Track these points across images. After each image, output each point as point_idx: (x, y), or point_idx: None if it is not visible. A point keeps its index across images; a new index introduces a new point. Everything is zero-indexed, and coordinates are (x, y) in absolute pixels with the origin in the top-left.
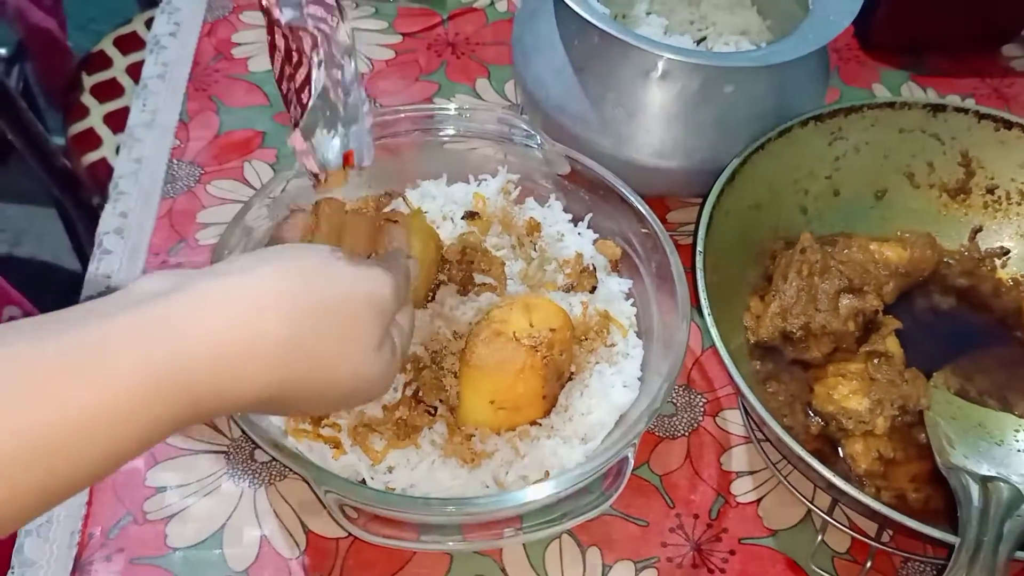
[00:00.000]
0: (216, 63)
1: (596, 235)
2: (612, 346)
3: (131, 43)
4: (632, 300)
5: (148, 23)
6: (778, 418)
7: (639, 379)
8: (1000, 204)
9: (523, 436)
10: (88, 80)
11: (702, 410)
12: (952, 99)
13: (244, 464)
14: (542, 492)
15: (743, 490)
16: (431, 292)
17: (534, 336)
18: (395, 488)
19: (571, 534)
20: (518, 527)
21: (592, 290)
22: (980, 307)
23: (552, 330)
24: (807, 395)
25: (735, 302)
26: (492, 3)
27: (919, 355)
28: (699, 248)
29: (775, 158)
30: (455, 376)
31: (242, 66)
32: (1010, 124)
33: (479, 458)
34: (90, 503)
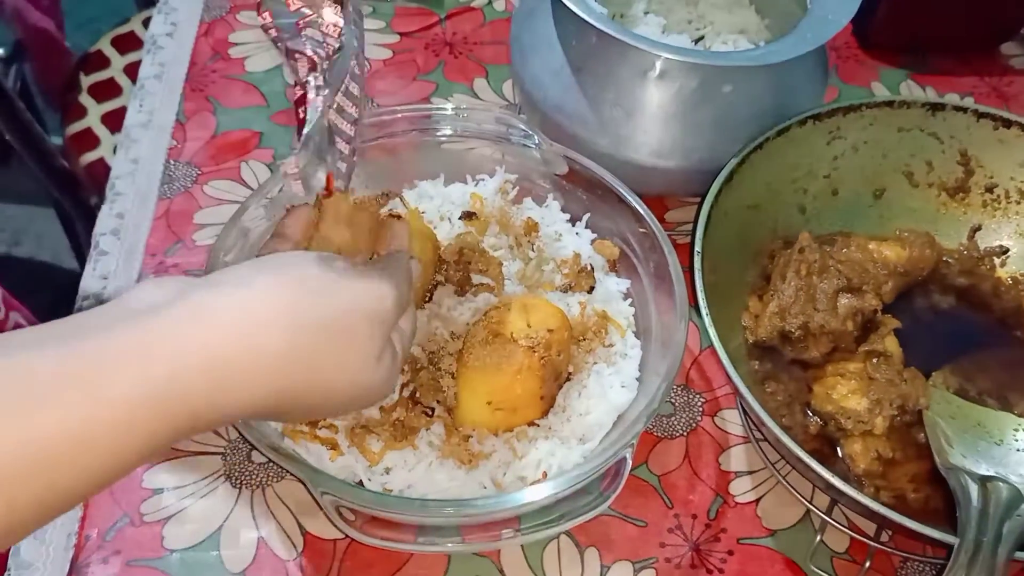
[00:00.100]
0: (213, 63)
1: (594, 235)
2: (610, 346)
3: (129, 43)
4: (630, 300)
5: (146, 23)
6: (776, 418)
7: (637, 379)
8: (999, 203)
9: (521, 437)
10: (86, 80)
11: (700, 410)
12: (951, 98)
13: (241, 465)
14: (540, 493)
15: (742, 490)
16: (428, 293)
17: (532, 337)
18: (392, 489)
19: (569, 535)
20: (516, 528)
21: (590, 290)
22: (979, 306)
23: (550, 331)
24: (806, 395)
25: (733, 302)
26: (490, 2)
27: (918, 354)
28: (697, 248)
29: (773, 157)
30: (452, 377)
31: (239, 66)
32: (1009, 123)
33: (477, 459)
34: (87, 505)
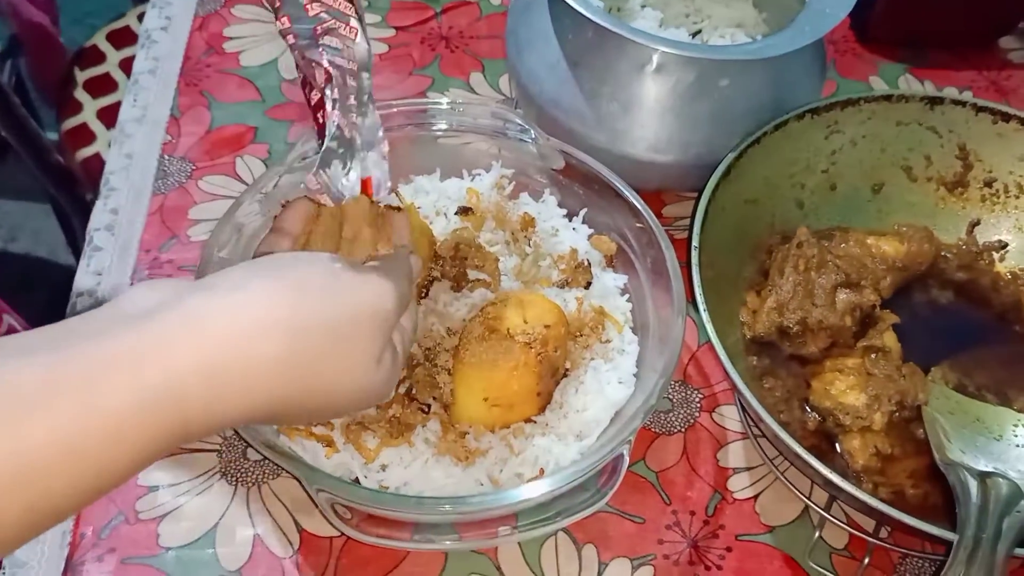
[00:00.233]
0: (207, 58)
1: (591, 230)
2: (607, 342)
3: (124, 37)
4: (627, 296)
5: (141, 17)
6: (775, 414)
7: (635, 375)
8: (998, 197)
9: (517, 433)
10: (81, 75)
11: (698, 406)
12: (950, 92)
13: (237, 462)
14: (537, 490)
15: (740, 486)
16: (424, 288)
17: (528, 333)
18: (388, 487)
19: (567, 531)
20: (513, 526)
21: (587, 286)
22: (978, 301)
23: (546, 326)
24: (804, 391)
25: (731, 297)
26: None
27: (917, 350)
28: (694, 243)
29: (771, 152)
30: (449, 373)
31: (234, 60)
32: (1008, 117)
33: (473, 456)
34: None
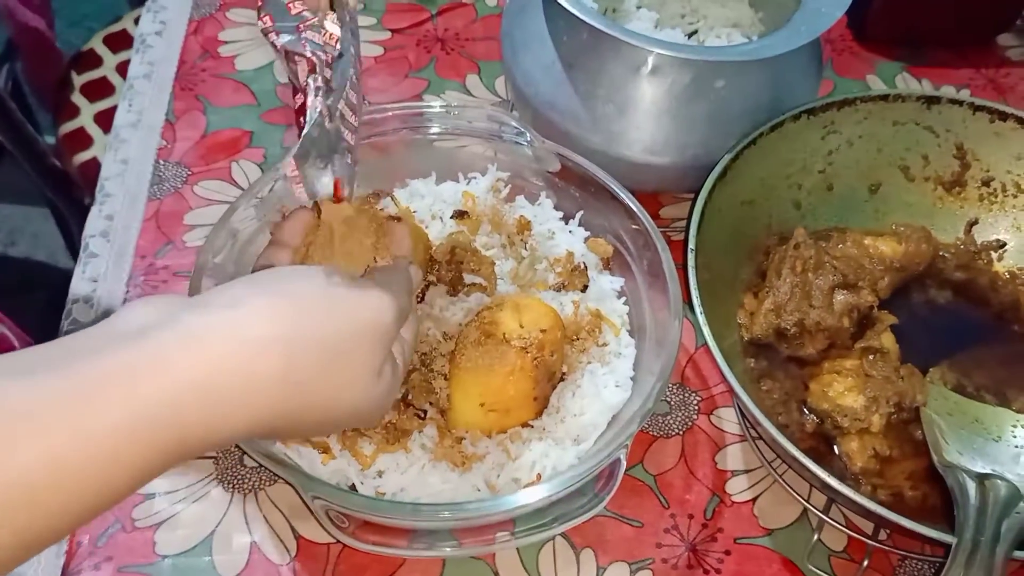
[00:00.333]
0: (203, 62)
1: (587, 233)
2: (604, 345)
3: (121, 41)
4: (624, 298)
5: (138, 20)
6: (772, 416)
7: (632, 378)
8: (996, 196)
9: (514, 438)
10: (78, 79)
11: (696, 408)
12: (947, 91)
13: (233, 469)
14: (534, 496)
15: (738, 489)
16: (420, 293)
17: (524, 337)
18: (385, 493)
19: (565, 536)
20: (511, 531)
21: (583, 289)
22: (977, 301)
23: (542, 331)
24: (802, 392)
25: (728, 299)
26: None
27: (915, 350)
28: (691, 245)
29: (767, 153)
30: (445, 378)
31: (229, 64)
32: (1005, 116)
33: (470, 461)
34: None
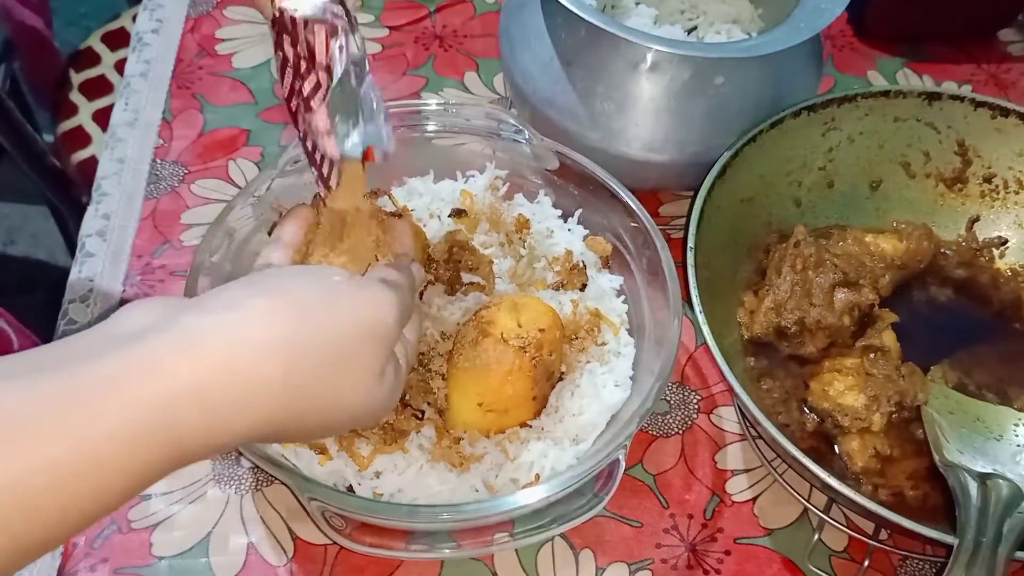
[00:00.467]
0: (200, 60)
1: (586, 231)
2: (603, 345)
3: (119, 39)
4: (623, 297)
5: (136, 18)
6: (773, 416)
7: (631, 378)
8: (997, 193)
9: (513, 438)
10: (76, 77)
11: (696, 407)
12: (948, 86)
13: (230, 470)
14: (532, 496)
15: (738, 489)
16: (419, 292)
17: (522, 337)
18: (383, 494)
19: (563, 536)
20: (510, 532)
21: (582, 288)
22: (978, 299)
23: (541, 330)
24: (802, 391)
25: (728, 297)
26: None
27: (916, 349)
28: (690, 244)
29: (767, 150)
30: (443, 378)
31: (226, 62)
32: (1007, 112)
33: (468, 462)
34: None
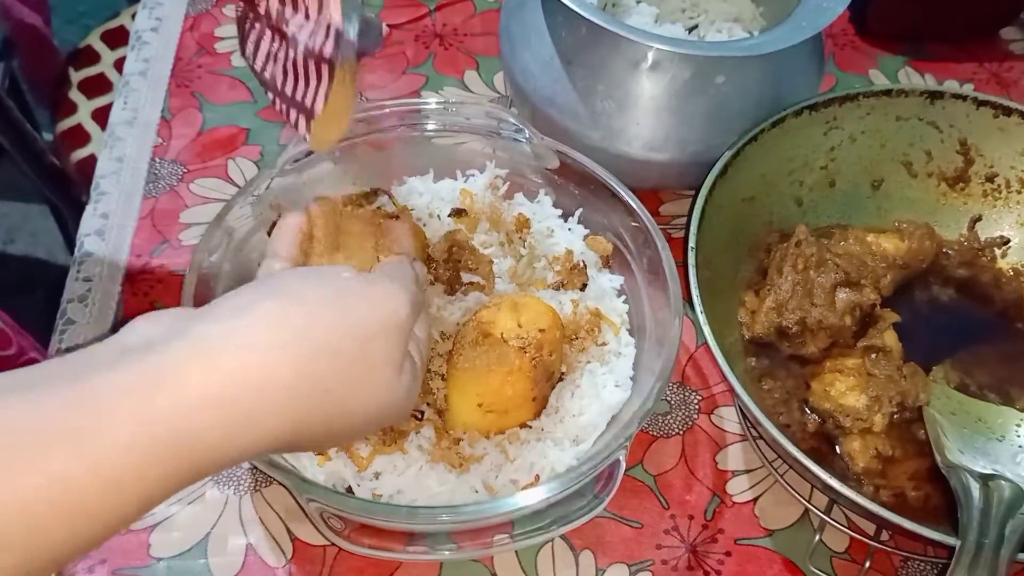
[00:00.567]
0: (199, 58)
1: (586, 231)
2: (603, 345)
3: (119, 37)
4: (624, 297)
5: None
6: (774, 416)
7: (631, 378)
8: (1000, 193)
9: (513, 439)
10: (76, 76)
11: (697, 408)
12: (950, 85)
13: (229, 470)
14: (532, 498)
15: (739, 489)
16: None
17: (522, 337)
18: (382, 495)
19: (563, 537)
20: (510, 534)
21: (583, 287)
22: (980, 298)
23: (541, 330)
24: (804, 392)
25: (729, 297)
26: None
27: (918, 349)
28: (691, 244)
29: (769, 149)
30: (442, 379)
31: (225, 61)
32: (1009, 111)
33: (468, 463)
34: None
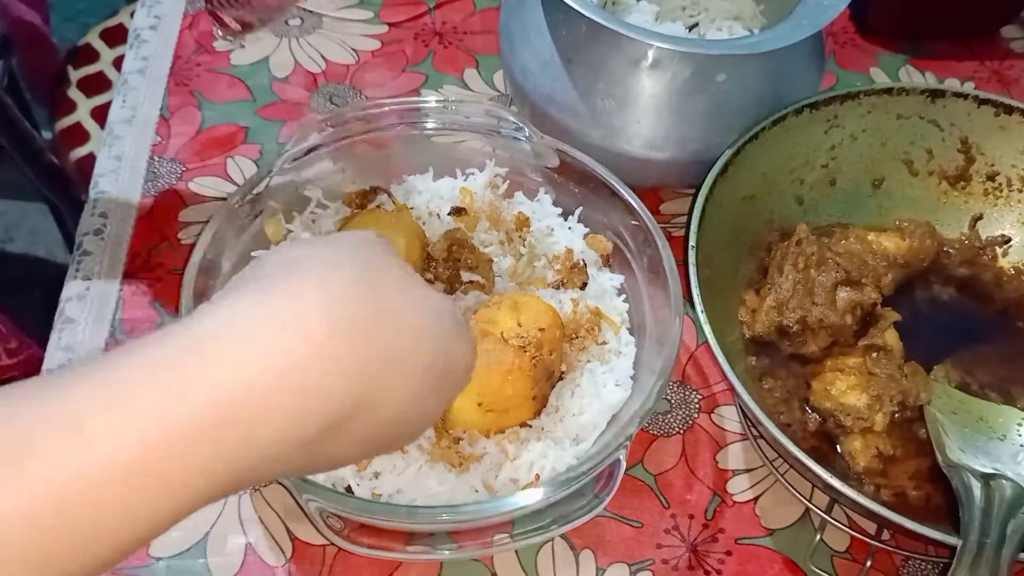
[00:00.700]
0: (197, 56)
1: (587, 229)
2: (604, 344)
3: (118, 35)
4: (624, 296)
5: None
6: (774, 415)
7: (632, 377)
8: (1001, 191)
9: (513, 438)
10: (75, 74)
11: (697, 407)
12: (951, 83)
13: None
14: (532, 497)
15: (740, 488)
16: None
17: (522, 336)
18: (381, 494)
19: (563, 537)
20: (510, 533)
21: (583, 286)
22: (981, 297)
23: (541, 329)
24: (804, 391)
25: (730, 296)
26: None
27: (919, 348)
28: (692, 242)
29: (769, 148)
30: None
31: (224, 59)
32: (1010, 109)
33: (467, 462)
34: None
